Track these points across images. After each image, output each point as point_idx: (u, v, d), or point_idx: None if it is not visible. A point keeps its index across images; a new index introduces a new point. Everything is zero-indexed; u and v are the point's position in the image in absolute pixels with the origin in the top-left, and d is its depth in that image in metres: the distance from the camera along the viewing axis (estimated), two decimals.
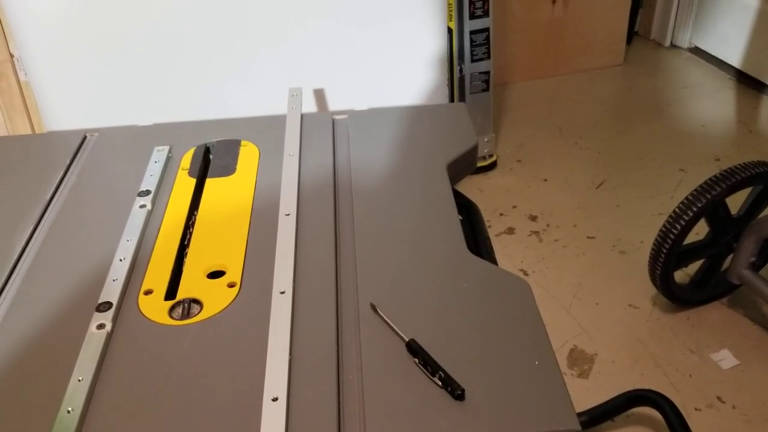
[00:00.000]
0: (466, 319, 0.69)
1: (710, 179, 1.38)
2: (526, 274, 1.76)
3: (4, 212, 0.88)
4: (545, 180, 2.11)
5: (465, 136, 1.02)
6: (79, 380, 0.62)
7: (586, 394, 1.39)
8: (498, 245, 1.86)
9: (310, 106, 1.47)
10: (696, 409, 1.37)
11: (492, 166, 2.16)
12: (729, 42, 2.58)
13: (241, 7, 1.42)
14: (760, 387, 1.42)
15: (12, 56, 1.81)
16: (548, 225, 1.92)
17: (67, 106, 1.33)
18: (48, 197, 0.91)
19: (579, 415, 1.31)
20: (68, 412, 0.59)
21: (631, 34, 2.86)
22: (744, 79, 2.53)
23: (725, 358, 1.47)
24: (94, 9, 1.28)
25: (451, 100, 2.03)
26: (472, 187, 2.08)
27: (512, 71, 2.62)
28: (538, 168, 2.16)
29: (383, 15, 1.56)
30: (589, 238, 1.86)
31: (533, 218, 1.95)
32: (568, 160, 2.18)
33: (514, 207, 2.00)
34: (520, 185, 2.09)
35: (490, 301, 0.72)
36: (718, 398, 1.39)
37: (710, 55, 2.68)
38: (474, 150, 1.00)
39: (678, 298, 1.56)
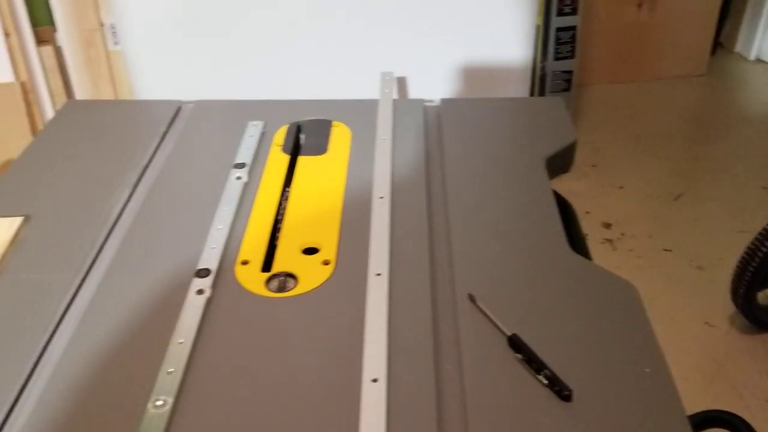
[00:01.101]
0: (569, 319, 0.67)
1: None
2: None
3: (102, 174, 0.89)
4: (621, 187, 2.05)
5: (564, 131, 0.99)
6: (180, 342, 0.62)
7: None
8: None
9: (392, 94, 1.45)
10: None
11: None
12: None
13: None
14: None
15: (102, 25, 1.84)
16: (623, 234, 1.87)
17: (159, 77, 1.34)
18: (144, 163, 0.91)
19: None
20: (168, 372, 0.59)
21: (715, 45, 2.77)
22: None
23: None
24: None
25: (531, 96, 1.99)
26: None
27: (592, 73, 2.56)
28: (614, 174, 2.10)
29: (475, 6, 1.54)
30: (665, 250, 1.80)
31: (607, 226, 1.90)
32: (646, 169, 2.12)
33: (587, 213, 1.95)
34: (595, 191, 2.04)
35: (595, 303, 0.69)
36: None
37: None
38: (573, 146, 0.97)
39: (759, 320, 1.50)
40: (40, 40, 1.92)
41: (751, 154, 2.18)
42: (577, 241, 0.90)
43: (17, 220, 0.76)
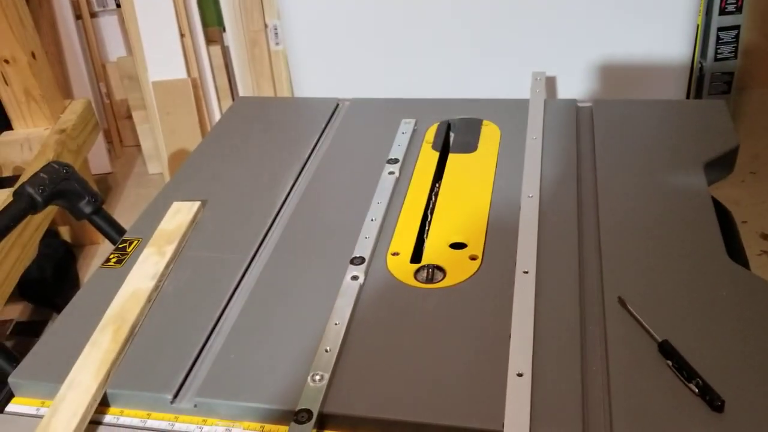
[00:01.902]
0: (724, 329, 0.65)
1: None
2: None
3: (269, 165, 0.96)
4: None
5: (725, 135, 0.95)
6: (336, 324, 0.67)
7: None
8: None
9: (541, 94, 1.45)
10: None
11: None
12: None
13: None
14: None
15: (266, 26, 1.97)
16: None
17: (317, 75, 1.42)
18: (306, 156, 0.98)
19: None
20: (326, 351, 0.64)
21: None
22: None
23: None
24: None
25: (687, 98, 1.90)
26: None
27: (755, 76, 2.39)
28: None
29: (633, 4, 1.49)
30: None
31: (765, 237, 1.78)
32: None
33: (744, 222, 1.84)
34: (753, 199, 1.91)
35: (752, 313, 0.66)
36: None
37: None
38: (735, 151, 0.93)
39: None
40: (210, 40, 2.08)
41: None
42: (735, 250, 0.86)
43: (196, 204, 0.85)
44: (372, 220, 0.82)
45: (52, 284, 1.72)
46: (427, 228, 0.83)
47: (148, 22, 1.91)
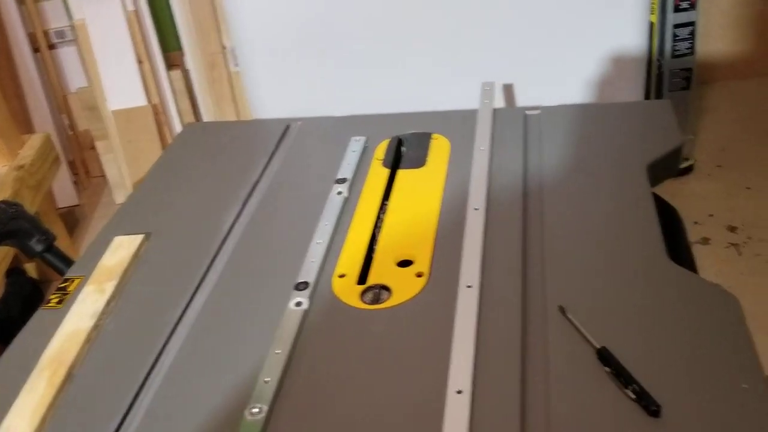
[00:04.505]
0: (663, 331, 0.65)
1: None
2: None
3: (216, 193, 0.96)
4: (748, 188, 1.93)
5: (668, 135, 0.96)
6: (277, 353, 0.67)
7: None
8: None
9: (498, 102, 1.46)
10: None
11: (688, 170, 2.02)
12: None
13: (435, 7, 1.44)
14: None
15: (224, 48, 1.97)
16: (749, 238, 1.76)
17: (273, 95, 1.42)
18: (254, 180, 0.98)
19: None
20: (265, 382, 0.64)
21: None
22: None
23: None
24: (302, 4, 1.36)
25: (647, 97, 1.92)
26: (664, 192, 1.95)
27: (716, 69, 2.42)
28: (741, 175, 1.98)
29: (581, 6, 1.51)
30: None
31: (732, 229, 1.80)
32: None
33: (711, 216, 1.85)
34: (719, 192, 1.93)
35: (691, 315, 0.67)
36: None
37: None
38: (678, 151, 0.93)
39: None
40: (171, 65, 2.08)
41: None
42: (681, 250, 0.87)
43: (138, 238, 0.84)
44: (318, 242, 0.82)
45: (20, 323, 1.70)
46: (374, 247, 0.83)
47: (104, 51, 1.91)
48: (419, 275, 0.77)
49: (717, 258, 1.71)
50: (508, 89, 1.54)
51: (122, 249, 0.81)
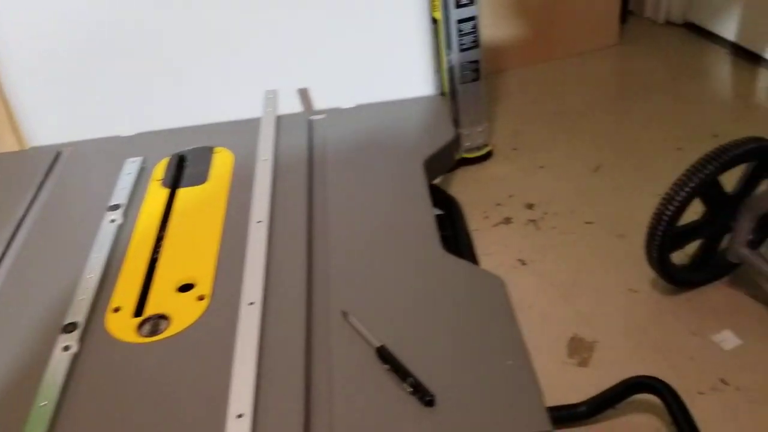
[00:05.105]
0: (438, 321, 0.67)
1: (701, 158, 1.35)
2: (524, 263, 1.74)
3: None
4: (542, 167, 2.08)
5: (443, 130, 1.00)
6: (42, 405, 0.61)
7: (588, 383, 1.37)
8: (495, 236, 1.84)
9: (295, 106, 1.45)
10: (699, 393, 1.35)
11: (487, 156, 2.14)
12: (723, 16, 2.53)
13: (214, 11, 1.40)
14: (764, 366, 1.39)
15: None
16: (546, 213, 1.90)
17: (47, 119, 1.32)
18: (20, 216, 0.90)
19: (579, 405, 1.29)
20: None
21: (625, 13, 2.82)
22: (740, 53, 2.49)
23: (727, 339, 1.44)
24: (67, 21, 1.27)
25: (443, 91, 2.01)
26: (467, 179, 2.06)
27: (506, 58, 2.59)
28: (534, 155, 2.13)
29: (362, 8, 1.54)
30: (587, 223, 1.83)
31: (530, 206, 1.93)
32: (565, 146, 2.15)
33: (511, 196, 1.98)
34: (517, 174, 2.07)
35: (463, 301, 0.70)
36: (722, 380, 1.37)
37: (705, 30, 2.63)
38: (453, 144, 0.98)
39: (677, 280, 1.53)
40: None
41: (666, 117, 2.23)
42: (461, 240, 0.91)
43: None
44: (89, 276, 0.77)
45: None
46: (153, 275, 0.79)
47: None
48: (201, 298, 0.74)
49: (519, 235, 1.83)
50: (303, 93, 1.54)
51: None
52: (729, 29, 2.52)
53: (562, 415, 1.28)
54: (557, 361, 1.46)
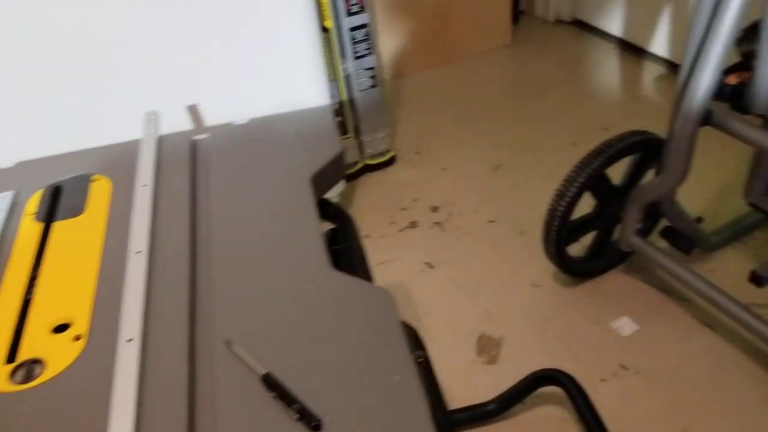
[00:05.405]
0: (325, 342, 0.66)
1: (588, 154, 1.40)
2: (431, 266, 1.76)
3: None
4: (444, 169, 2.11)
5: (329, 143, 0.99)
6: None
7: (497, 380, 1.39)
8: (402, 241, 1.85)
9: (185, 125, 1.41)
10: (602, 380, 1.40)
11: (390, 162, 2.15)
12: (609, 12, 2.65)
13: (94, 33, 1.35)
14: (661, 349, 1.45)
15: None
16: (450, 214, 1.92)
17: None
18: None
19: (488, 403, 1.31)
20: None
21: (517, 13, 2.90)
22: (626, 48, 2.61)
23: (624, 325, 1.50)
24: None
25: (340, 99, 2.00)
26: (371, 185, 2.07)
27: (404, 64, 2.61)
28: (437, 158, 2.16)
29: (248, 19, 1.52)
30: (489, 222, 1.87)
31: (435, 209, 1.95)
32: (466, 147, 2.19)
33: (416, 200, 1.99)
34: (420, 177, 2.09)
35: (350, 319, 0.69)
36: (622, 366, 1.42)
37: (593, 26, 2.74)
38: (339, 158, 0.97)
39: (575, 271, 1.58)
40: None
41: (560, 113, 2.31)
42: (354, 255, 0.90)
43: None
44: None
45: None
46: (26, 317, 0.74)
47: None
48: (77, 338, 0.70)
49: (425, 238, 1.85)
50: (193, 110, 1.50)
51: None
52: (615, 25, 2.63)
53: (473, 414, 1.30)
54: (467, 360, 1.48)
